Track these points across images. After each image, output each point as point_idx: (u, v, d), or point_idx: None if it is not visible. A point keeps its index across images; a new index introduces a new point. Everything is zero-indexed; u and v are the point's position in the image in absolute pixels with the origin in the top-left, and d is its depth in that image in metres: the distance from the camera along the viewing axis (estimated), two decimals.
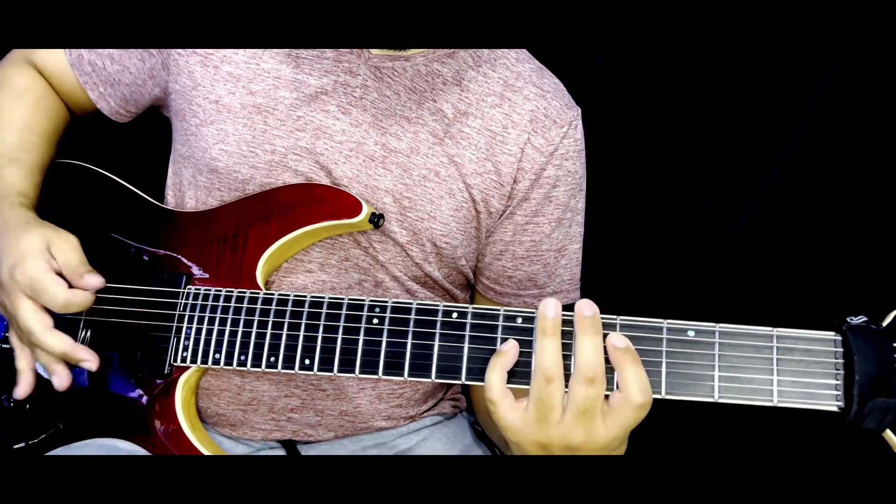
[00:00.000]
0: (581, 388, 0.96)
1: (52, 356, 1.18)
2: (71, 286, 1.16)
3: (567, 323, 1.00)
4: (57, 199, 1.33)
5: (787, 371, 0.96)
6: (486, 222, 1.30)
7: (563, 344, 0.99)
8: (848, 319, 0.96)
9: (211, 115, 1.27)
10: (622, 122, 1.73)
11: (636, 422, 0.98)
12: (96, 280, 1.17)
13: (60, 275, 1.17)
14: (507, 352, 1.01)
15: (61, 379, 1.19)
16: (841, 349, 0.95)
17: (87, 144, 1.43)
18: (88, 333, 1.25)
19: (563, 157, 1.29)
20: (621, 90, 1.74)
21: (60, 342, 1.16)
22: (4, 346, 1.29)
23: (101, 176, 1.37)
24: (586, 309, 0.98)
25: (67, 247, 1.18)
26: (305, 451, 1.36)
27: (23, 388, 1.22)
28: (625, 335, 0.99)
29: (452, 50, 1.26)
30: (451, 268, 1.33)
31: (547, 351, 0.97)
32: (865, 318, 0.96)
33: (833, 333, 0.96)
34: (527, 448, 1.00)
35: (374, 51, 1.24)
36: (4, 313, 1.22)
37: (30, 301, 1.16)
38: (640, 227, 1.80)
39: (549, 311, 0.98)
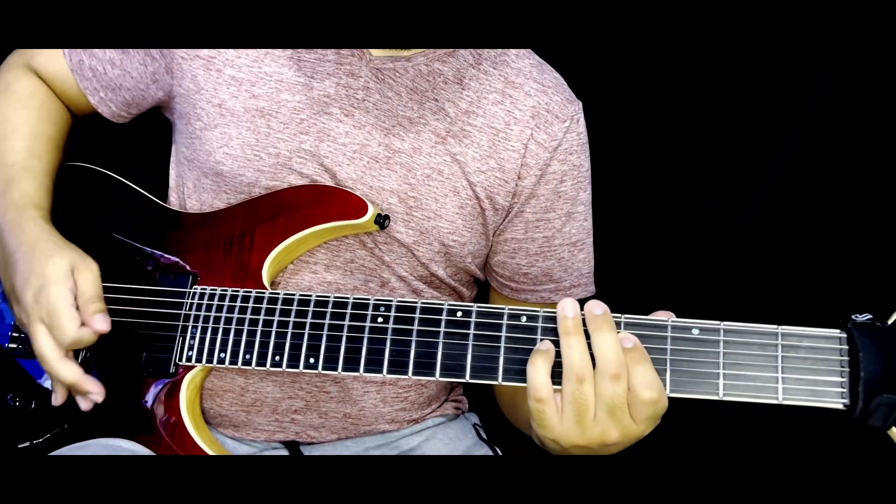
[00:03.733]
0: (608, 384, 0.97)
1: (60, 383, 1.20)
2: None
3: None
4: (64, 200, 1.33)
5: (792, 369, 0.97)
6: (493, 219, 1.30)
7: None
8: (853, 317, 0.96)
9: (214, 119, 1.27)
10: (622, 123, 1.73)
11: (657, 414, 0.99)
12: (104, 326, 1.17)
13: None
14: (548, 350, 1.01)
15: (83, 403, 1.21)
16: (846, 346, 0.96)
17: (87, 145, 1.43)
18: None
19: (567, 152, 1.30)
20: (621, 90, 1.74)
21: (70, 373, 1.17)
22: (11, 346, 1.29)
23: (108, 177, 1.37)
24: (596, 308, 0.99)
25: (90, 275, 1.19)
26: (308, 452, 1.36)
27: (59, 396, 1.23)
28: (628, 333, 1.00)
29: (453, 49, 1.27)
30: (457, 266, 1.34)
31: (574, 350, 0.98)
32: (871, 316, 0.96)
33: (838, 331, 0.97)
34: (564, 446, 1.01)
35: (375, 52, 1.24)
36: (24, 328, 1.22)
37: (45, 328, 1.16)
38: (640, 227, 1.80)
39: (568, 312, 1.00)
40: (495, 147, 1.27)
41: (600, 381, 0.97)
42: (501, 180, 1.28)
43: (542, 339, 1.03)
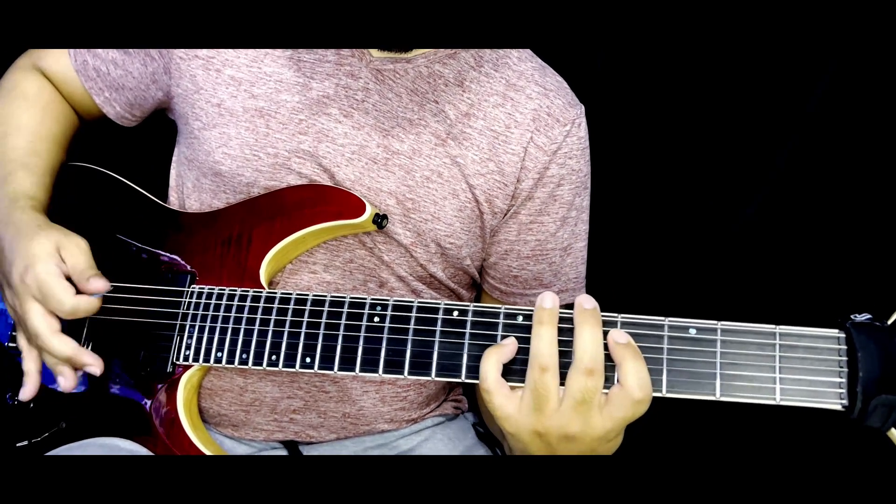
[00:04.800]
0: (580, 378, 0.96)
1: (57, 359, 1.19)
2: (78, 291, 1.17)
3: (567, 320, 1.00)
4: (64, 200, 1.33)
5: (789, 369, 0.96)
6: (491, 222, 1.30)
7: (562, 340, 0.99)
8: (852, 317, 0.95)
9: (213, 119, 1.27)
10: (622, 123, 1.73)
11: (634, 416, 0.98)
12: (102, 284, 1.17)
13: (69, 279, 1.17)
14: (506, 346, 1.02)
15: (67, 380, 1.20)
16: (845, 346, 0.95)
17: (89, 145, 1.44)
18: (91, 334, 1.26)
19: (566, 156, 1.29)
20: (621, 91, 1.74)
21: (65, 346, 1.17)
22: (11, 344, 1.29)
23: (108, 177, 1.37)
24: (586, 302, 0.99)
25: (77, 250, 1.19)
26: (307, 451, 1.36)
27: (28, 390, 1.23)
28: (626, 332, 0.99)
29: (454, 51, 1.26)
30: (455, 268, 1.33)
31: (542, 340, 0.98)
32: (870, 316, 0.95)
33: (837, 331, 0.96)
34: (524, 437, 1.01)
35: (375, 53, 1.23)
36: (14, 315, 1.22)
37: (38, 304, 1.16)
38: (639, 227, 1.80)
39: (546, 302, 1.00)
40: (495, 150, 1.26)
41: (573, 374, 0.97)
42: (501, 183, 1.27)
43: (504, 337, 1.04)
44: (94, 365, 1.18)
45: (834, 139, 1.66)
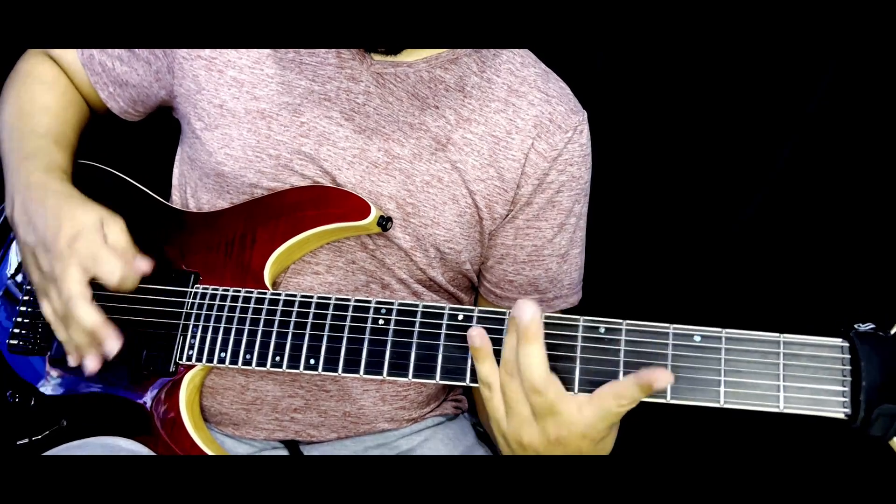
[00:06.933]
0: (530, 396, 0.97)
1: (80, 331, 1.15)
2: None
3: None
4: None
5: (793, 377, 0.96)
6: (490, 227, 1.30)
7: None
8: (855, 326, 0.96)
9: (216, 120, 1.27)
10: (622, 124, 1.72)
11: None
12: (146, 265, 1.17)
13: None
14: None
15: (91, 362, 1.16)
16: (848, 356, 0.95)
17: (93, 143, 1.43)
18: None
19: (567, 163, 1.29)
20: (621, 91, 1.74)
21: (93, 315, 1.13)
22: (12, 342, 1.29)
23: (112, 175, 1.37)
24: (525, 312, 0.97)
25: (118, 228, 1.18)
26: (308, 451, 1.37)
27: (93, 362, 1.17)
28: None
29: (455, 56, 1.26)
30: (455, 272, 1.33)
31: (506, 346, 1.00)
32: (873, 325, 0.95)
33: (840, 340, 0.96)
34: (513, 446, 1.02)
35: (376, 57, 1.23)
36: (40, 282, 1.19)
37: (80, 271, 1.14)
38: (638, 227, 1.80)
39: (519, 313, 0.97)
40: (496, 156, 1.26)
41: (524, 394, 0.98)
42: (501, 189, 1.27)
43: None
44: (114, 339, 1.13)
45: (834, 139, 1.66)
